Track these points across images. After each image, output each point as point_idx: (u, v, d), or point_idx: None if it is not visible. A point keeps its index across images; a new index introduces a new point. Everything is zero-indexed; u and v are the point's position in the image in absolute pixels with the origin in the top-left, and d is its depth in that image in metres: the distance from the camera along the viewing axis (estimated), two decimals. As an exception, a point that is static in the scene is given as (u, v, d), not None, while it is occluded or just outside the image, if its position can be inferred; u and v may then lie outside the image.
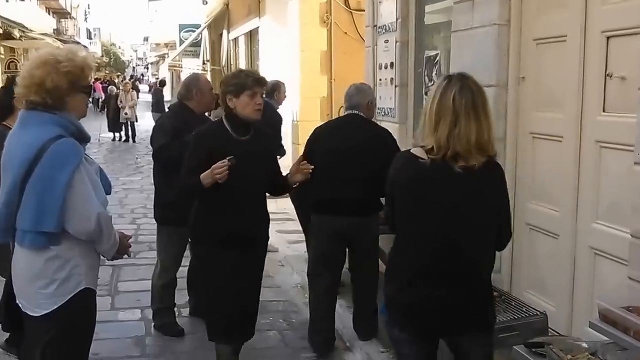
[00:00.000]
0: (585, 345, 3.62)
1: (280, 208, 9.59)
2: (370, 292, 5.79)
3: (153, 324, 6.39)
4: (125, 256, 3.88)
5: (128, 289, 7.53)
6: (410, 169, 3.36)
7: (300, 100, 13.26)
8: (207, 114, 7.25)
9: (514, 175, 5.60)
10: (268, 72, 12.31)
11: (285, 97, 9.64)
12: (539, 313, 4.46)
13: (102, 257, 3.73)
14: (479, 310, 3.45)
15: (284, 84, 9.57)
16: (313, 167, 5.16)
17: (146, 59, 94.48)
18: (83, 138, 3.58)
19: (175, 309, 6.46)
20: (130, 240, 3.92)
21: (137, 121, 26.02)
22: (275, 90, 9.14)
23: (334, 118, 6.52)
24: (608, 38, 4.47)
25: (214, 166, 4.53)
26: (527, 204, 5.48)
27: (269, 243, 5.29)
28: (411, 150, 3.42)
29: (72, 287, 3.48)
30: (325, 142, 5.70)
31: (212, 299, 4.89)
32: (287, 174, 5.25)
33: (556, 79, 5.02)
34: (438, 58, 7.11)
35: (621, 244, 4.21)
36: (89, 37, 76.39)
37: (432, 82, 7.19)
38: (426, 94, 7.37)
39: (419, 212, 3.38)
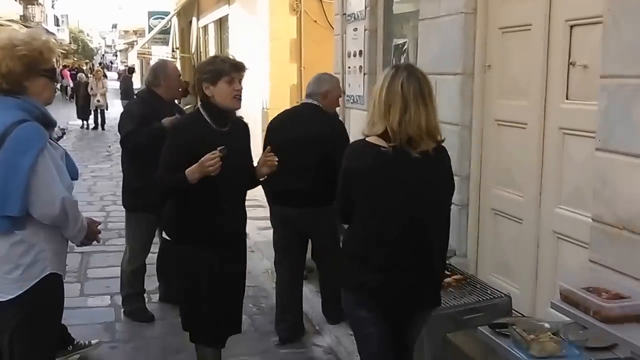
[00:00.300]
0: (547, 325, 3.73)
1: (250, 194, 9.60)
2: (334, 280, 5.85)
3: (122, 309, 6.42)
4: (95, 242, 3.89)
5: (97, 276, 7.55)
6: (370, 156, 3.50)
7: (270, 88, 13.26)
8: (176, 101, 7.27)
9: (479, 161, 5.70)
10: (238, 59, 12.28)
11: None
12: (503, 295, 4.56)
13: (71, 244, 3.74)
14: (437, 288, 3.79)
15: None
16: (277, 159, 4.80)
17: (114, 46, 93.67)
18: (48, 123, 3.56)
19: (145, 295, 6.49)
20: (99, 227, 3.92)
21: (107, 109, 25.85)
22: None
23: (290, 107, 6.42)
24: (571, 27, 4.56)
25: (203, 159, 4.13)
26: (492, 189, 5.58)
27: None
28: (366, 139, 3.55)
29: (38, 272, 3.48)
30: (277, 132, 5.74)
31: (197, 303, 4.45)
32: (256, 166, 4.85)
33: (521, 67, 5.11)
34: (406, 46, 7.18)
35: (582, 227, 4.31)
36: (57, 24, 75.51)
37: (401, 70, 7.26)
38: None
39: (382, 198, 3.52)
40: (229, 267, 4.49)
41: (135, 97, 6.65)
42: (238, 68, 4.40)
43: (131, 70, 30.71)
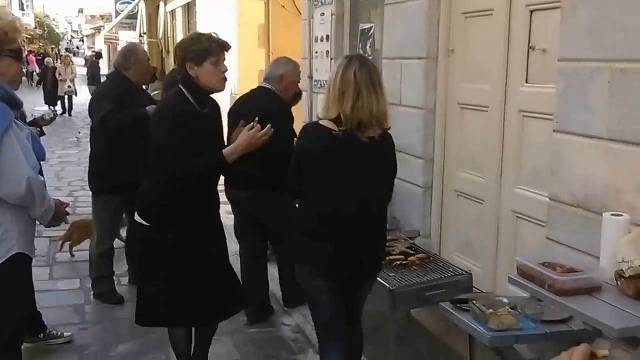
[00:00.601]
0: (505, 300, 3.88)
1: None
2: (288, 263, 5.89)
3: (92, 292, 6.48)
4: (63, 223, 3.95)
5: (66, 259, 7.58)
6: (323, 139, 3.79)
7: (238, 73, 13.29)
8: (144, 87, 7.30)
9: (443, 144, 5.83)
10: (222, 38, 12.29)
11: None
12: (463, 272, 4.69)
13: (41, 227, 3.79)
14: (380, 259, 4.21)
15: None
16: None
17: (81, 31, 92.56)
18: (14, 103, 3.60)
19: (114, 278, 6.55)
20: (67, 208, 3.97)
21: (76, 94, 25.62)
22: None
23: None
24: (531, 11, 4.68)
25: (250, 133, 4.15)
26: (455, 171, 5.71)
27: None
28: (319, 122, 3.86)
29: (4, 252, 3.55)
30: (231, 116, 5.71)
31: (182, 287, 4.29)
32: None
33: (483, 51, 5.23)
34: (372, 31, 7.27)
35: (540, 207, 4.45)
36: (21, 8, 74.28)
37: (367, 54, 7.36)
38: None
39: (332, 177, 3.82)
40: (213, 247, 4.46)
41: (105, 79, 6.62)
42: (225, 48, 4.27)
43: (98, 55, 30.50)
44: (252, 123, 4.26)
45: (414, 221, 6.10)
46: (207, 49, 4.14)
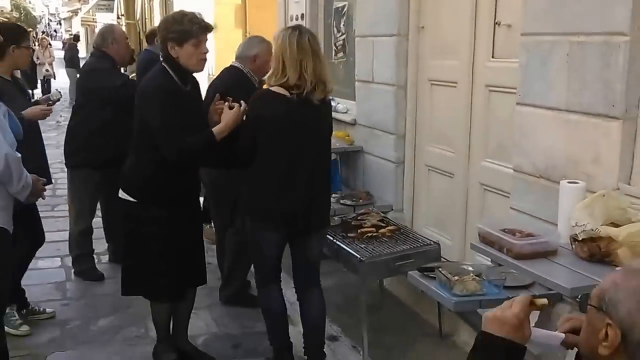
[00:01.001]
0: (470, 268, 4.02)
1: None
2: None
3: (73, 270, 6.57)
4: (40, 199, 4.05)
5: (47, 239, 7.64)
6: (279, 104, 4.11)
7: (215, 53, 13.30)
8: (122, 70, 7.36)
9: (414, 120, 5.96)
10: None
11: None
12: (432, 243, 4.84)
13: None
14: (328, 211, 4.62)
15: None
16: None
17: (58, 14, 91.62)
18: None
19: (94, 256, 6.65)
20: (47, 193, 4.05)
21: (54, 78, 25.46)
22: (156, 36, 7.86)
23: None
24: (496, -12, 4.82)
25: (233, 112, 4.29)
26: (426, 146, 5.84)
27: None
28: (271, 89, 4.16)
29: None
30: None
31: (174, 258, 4.39)
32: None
33: (451, 28, 5.35)
34: (345, 9, 7.36)
35: (506, 178, 4.60)
36: (-4, -10, 73.56)
37: (340, 33, 7.47)
38: (335, 45, 7.65)
39: (290, 138, 4.16)
40: (195, 222, 4.61)
41: (90, 57, 6.58)
42: (207, 30, 4.29)
43: (76, 37, 30.28)
44: (232, 103, 4.40)
45: (387, 196, 6.24)
46: (188, 31, 4.15)
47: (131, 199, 4.28)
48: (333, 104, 7.34)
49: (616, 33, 3.47)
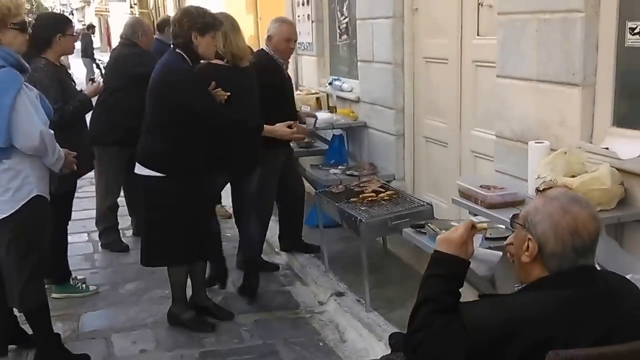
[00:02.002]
0: (456, 223, 4.51)
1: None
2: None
3: (99, 243, 7.10)
4: (72, 170, 4.56)
5: (73, 217, 8.16)
6: (221, 72, 5.06)
7: (227, 39, 13.70)
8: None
9: (412, 95, 6.47)
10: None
11: None
12: (425, 204, 5.31)
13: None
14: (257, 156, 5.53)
15: None
16: None
17: (70, 4, 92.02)
18: (22, 69, 4.18)
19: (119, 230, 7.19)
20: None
21: (69, 68, 25.91)
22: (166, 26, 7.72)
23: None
24: (479, -28, 5.30)
25: (296, 131, 5.54)
26: (423, 119, 6.35)
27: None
28: (210, 62, 5.00)
29: (25, 194, 4.13)
30: None
31: (183, 225, 4.85)
32: None
33: (441, 9, 5.85)
34: (347, -6, 7.84)
35: (492, 145, 5.08)
36: (9, -17, 73.76)
37: (343, 17, 7.95)
38: (339, 28, 8.13)
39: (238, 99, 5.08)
40: (206, 192, 5.08)
41: (122, 46, 6.92)
42: (220, 26, 4.89)
43: (91, 27, 30.76)
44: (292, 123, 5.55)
45: (389, 166, 6.75)
46: (211, 24, 4.74)
47: (152, 173, 4.75)
48: (338, 83, 7.89)
49: (574, 10, 3.97)
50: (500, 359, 2.12)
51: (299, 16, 9.11)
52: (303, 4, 8.94)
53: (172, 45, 4.82)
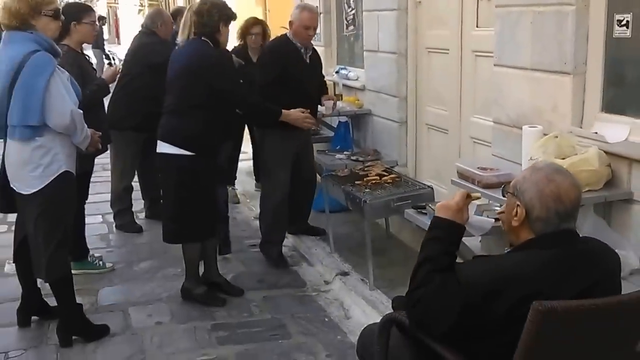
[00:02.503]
0: (455, 204, 4.77)
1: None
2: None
3: (114, 224, 7.38)
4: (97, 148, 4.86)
5: (88, 200, 8.43)
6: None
7: (237, 29, 13.86)
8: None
9: (415, 84, 6.72)
10: None
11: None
12: (426, 186, 5.57)
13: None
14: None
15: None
16: None
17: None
18: (55, 53, 4.47)
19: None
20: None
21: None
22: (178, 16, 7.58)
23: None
24: (479, -34, 5.56)
25: (303, 117, 5.77)
26: (425, 107, 6.61)
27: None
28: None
29: (55, 170, 4.43)
30: None
31: (205, 202, 5.20)
32: None
33: (443, 2, 6.10)
34: (354, -14, 8.08)
35: (490, 131, 5.34)
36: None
37: (350, 8, 8.19)
38: (346, 19, 8.38)
39: None
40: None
41: (142, 35, 7.18)
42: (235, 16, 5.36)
43: (102, 18, 30.93)
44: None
45: (392, 152, 7.01)
46: (232, 15, 5.24)
47: (186, 152, 5.04)
48: (344, 72, 8.14)
49: (565, 3, 4.24)
50: (491, 312, 2.41)
51: (307, 8, 9.32)
52: (311, -4, 9.16)
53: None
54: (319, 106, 6.50)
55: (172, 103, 5.15)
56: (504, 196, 2.78)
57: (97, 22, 6.67)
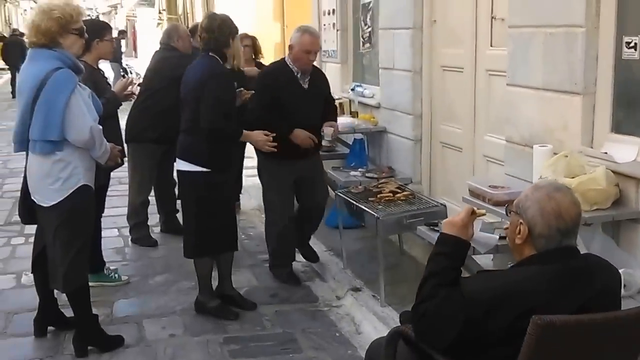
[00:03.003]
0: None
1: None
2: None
3: (130, 237, 7.47)
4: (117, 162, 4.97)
5: (105, 214, 8.53)
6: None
7: (256, 45, 13.98)
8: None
9: (430, 101, 6.78)
10: None
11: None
12: (439, 204, 5.62)
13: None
14: None
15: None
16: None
17: (96, 9, 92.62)
18: (77, 70, 4.59)
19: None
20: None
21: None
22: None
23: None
24: (493, -14, 5.63)
25: (266, 139, 5.48)
26: (440, 125, 6.67)
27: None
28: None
29: (73, 183, 4.54)
30: None
31: (224, 216, 5.38)
32: None
33: (458, 21, 6.17)
34: (371, 4, 8.14)
35: (503, 150, 5.38)
36: (33, -14, 74.25)
37: (367, 26, 8.27)
38: (362, 37, 8.46)
39: None
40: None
41: (164, 51, 7.30)
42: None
43: (122, 32, 31.21)
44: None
45: (407, 170, 7.07)
46: (237, 30, 5.31)
47: (200, 169, 5.18)
48: (360, 89, 8.22)
49: (575, 25, 4.30)
50: (493, 326, 2.49)
51: (324, 25, 9.43)
52: (329, 13, 9.27)
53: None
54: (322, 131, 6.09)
55: (186, 120, 5.28)
56: (507, 214, 2.85)
57: (115, 37, 6.78)
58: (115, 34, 34.33)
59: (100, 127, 4.57)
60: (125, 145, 6.19)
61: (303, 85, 5.90)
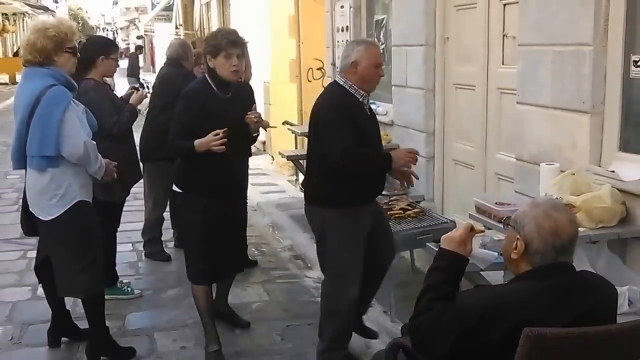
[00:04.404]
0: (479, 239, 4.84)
1: (254, 164, 10.64)
2: None
3: (143, 252, 7.54)
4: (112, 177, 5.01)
5: (119, 229, 8.61)
6: None
7: (271, 62, 14.09)
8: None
9: (442, 119, 6.83)
10: (240, 34, 12.96)
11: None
12: (448, 221, 5.66)
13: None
14: None
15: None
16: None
17: (115, 23, 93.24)
18: (71, 87, 4.67)
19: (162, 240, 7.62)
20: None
21: (113, 88, 26.41)
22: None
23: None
24: (504, 5, 5.67)
25: (209, 138, 4.57)
26: (453, 142, 6.71)
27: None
28: None
29: (69, 200, 4.60)
30: None
31: (196, 245, 4.92)
32: None
33: (470, 39, 6.22)
34: (384, 22, 8.23)
35: (514, 167, 5.41)
36: (55, 1, 75.16)
37: (380, 43, 8.32)
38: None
39: None
40: (230, 212, 5.01)
41: (171, 67, 7.27)
42: (235, 45, 4.70)
43: (139, 48, 31.45)
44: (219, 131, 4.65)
45: (419, 187, 7.05)
46: (219, 45, 4.68)
47: (178, 190, 4.97)
48: (373, 106, 8.24)
49: (584, 44, 4.34)
50: (486, 338, 2.53)
51: (338, 41, 9.50)
52: (343, 30, 9.34)
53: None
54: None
55: None
56: (504, 227, 2.90)
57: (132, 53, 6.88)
58: (132, 49, 35.04)
59: (94, 142, 4.64)
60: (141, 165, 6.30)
61: (366, 110, 4.68)
